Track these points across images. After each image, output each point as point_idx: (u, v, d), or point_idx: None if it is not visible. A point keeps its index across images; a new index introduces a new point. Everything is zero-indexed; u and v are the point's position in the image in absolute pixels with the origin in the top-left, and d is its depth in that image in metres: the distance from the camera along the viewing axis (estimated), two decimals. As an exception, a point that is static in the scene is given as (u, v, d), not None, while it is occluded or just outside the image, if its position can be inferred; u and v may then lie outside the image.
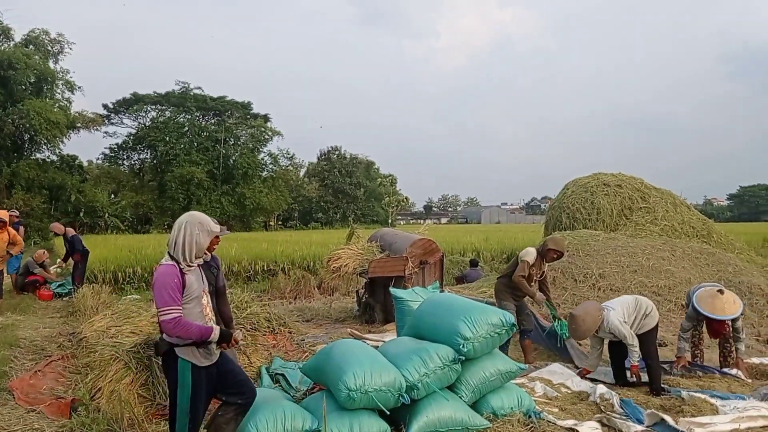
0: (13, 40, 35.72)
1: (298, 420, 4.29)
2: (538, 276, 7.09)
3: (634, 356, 5.97)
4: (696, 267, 10.47)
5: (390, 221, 66.81)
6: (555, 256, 7.06)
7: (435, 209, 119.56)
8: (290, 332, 8.21)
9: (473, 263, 15.60)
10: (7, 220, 9.30)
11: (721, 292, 6.21)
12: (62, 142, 36.89)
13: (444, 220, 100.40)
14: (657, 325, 6.21)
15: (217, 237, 4.29)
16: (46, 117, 33.04)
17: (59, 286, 12.91)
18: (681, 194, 14.33)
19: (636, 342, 5.94)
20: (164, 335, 3.68)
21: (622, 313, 6.02)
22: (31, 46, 36.04)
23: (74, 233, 12.88)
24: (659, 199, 13.26)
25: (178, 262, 3.66)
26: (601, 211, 13.05)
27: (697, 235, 12.48)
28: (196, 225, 3.74)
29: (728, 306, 6.17)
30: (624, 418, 5.03)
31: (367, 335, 8.54)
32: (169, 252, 3.70)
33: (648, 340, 6.04)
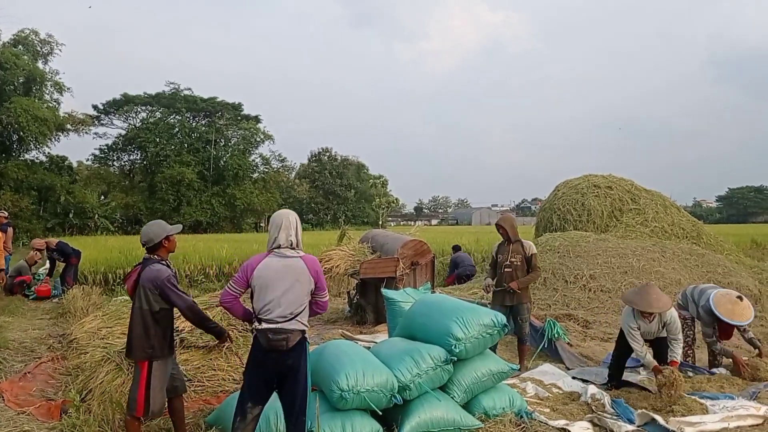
0: (1, 41, 35.49)
1: (291, 421, 4.27)
2: (507, 262, 6.83)
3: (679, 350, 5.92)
4: (686, 268, 10.54)
5: (380, 223, 66.76)
6: (500, 230, 6.98)
7: (425, 211, 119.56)
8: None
9: (456, 248, 15.49)
10: None
11: (740, 298, 6.38)
12: (50, 140, 36.56)
13: (434, 222, 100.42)
14: None
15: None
16: (33, 114, 32.76)
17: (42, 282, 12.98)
18: (670, 196, 14.45)
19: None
20: (296, 322, 3.85)
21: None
22: (20, 47, 35.77)
23: (58, 241, 12.95)
24: (649, 201, 13.35)
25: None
26: (592, 212, 13.13)
27: (686, 237, 12.58)
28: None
29: (747, 311, 6.38)
30: (615, 417, 5.07)
31: (358, 336, 8.55)
32: (292, 246, 3.93)
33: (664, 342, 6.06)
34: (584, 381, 6.29)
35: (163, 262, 4.34)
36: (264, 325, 3.82)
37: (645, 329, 5.94)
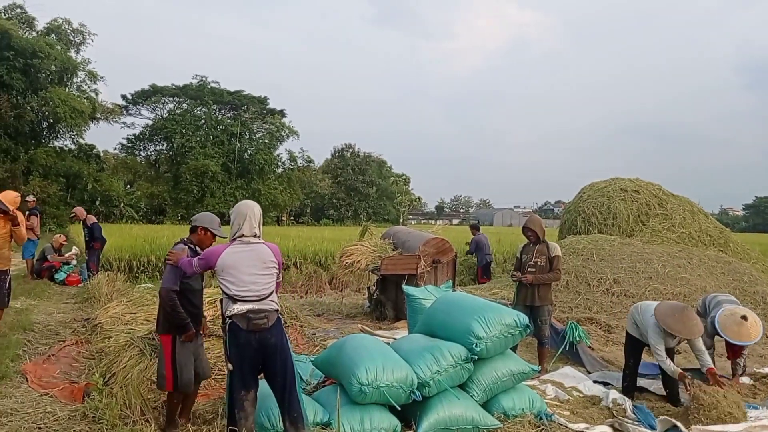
0: (36, 30, 36.04)
1: (310, 412, 4.30)
2: (531, 262, 6.78)
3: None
4: (712, 275, 10.37)
5: (401, 220, 66.70)
6: (529, 233, 6.94)
7: (447, 210, 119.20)
8: (301, 326, 8.26)
9: (476, 228, 15.02)
10: (12, 209, 6.89)
11: (745, 318, 6.06)
12: (86, 130, 37.21)
13: (456, 221, 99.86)
14: None
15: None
16: (71, 105, 33.27)
17: (66, 265, 13.15)
18: (698, 202, 14.22)
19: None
20: (269, 302, 4.00)
21: None
22: (52, 35, 36.31)
23: (95, 221, 12.81)
24: (677, 206, 13.14)
25: None
26: (618, 216, 12.95)
27: (714, 244, 12.36)
28: None
29: (753, 330, 6.06)
30: (636, 423, 5.00)
31: (377, 332, 8.53)
32: (255, 236, 4.11)
33: (672, 350, 5.93)
34: (606, 385, 6.22)
35: (190, 246, 4.54)
36: (241, 307, 3.91)
37: (667, 344, 5.81)
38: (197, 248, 4.56)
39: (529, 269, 6.77)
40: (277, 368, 4.01)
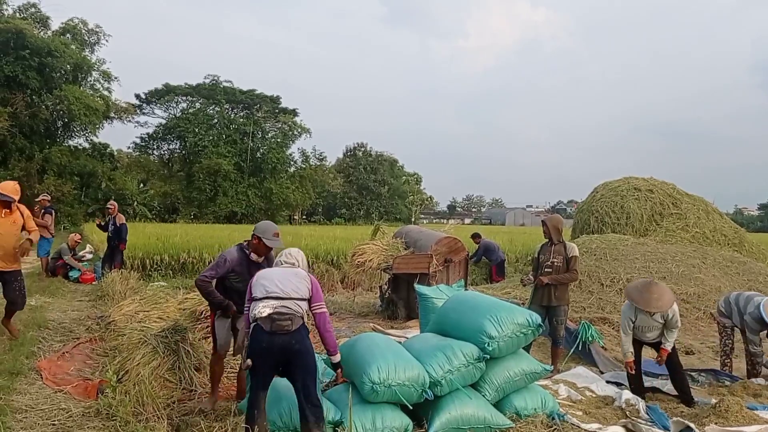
0: (50, 29, 36.35)
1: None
2: (548, 262, 6.78)
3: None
4: (726, 275, 10.29)
5: (413, 220, 66.62)
6: (544, 228, 6.98)
7: (459, 209, 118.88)
8: (312, 324, 8.24)
9: (477, 236, 15.01)
10: (15, 198, 6.85)
11: None
12: (100, 128, 37.45)
13: (467, 221, 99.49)
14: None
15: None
16: (85, 103, 33.50)
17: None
18: (713, 202, 14.11)
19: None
20: (295, 304, 4.08)
21: None
22: (67, 35, 36.59)
23: (125, 222, 12.71)
24: (691, 206, 13.04)
25: None
26: (631, 215, 12.87)
27: (728, 244, 12.26)
28: None
29: None
30: (649, 424, 4.97)
31: (389, 330, 8.53)
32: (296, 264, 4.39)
33: (675, 350, 5.93)
34: (619, 385, 6.18)
35: (246, 250, 5.03)
36: (264, 306, 3.99)
37: (645, 322, 5.82)
38: (251, 253, 4.99)
39: (545, 269, 6.74)
40: (299, 375, 4.06)
